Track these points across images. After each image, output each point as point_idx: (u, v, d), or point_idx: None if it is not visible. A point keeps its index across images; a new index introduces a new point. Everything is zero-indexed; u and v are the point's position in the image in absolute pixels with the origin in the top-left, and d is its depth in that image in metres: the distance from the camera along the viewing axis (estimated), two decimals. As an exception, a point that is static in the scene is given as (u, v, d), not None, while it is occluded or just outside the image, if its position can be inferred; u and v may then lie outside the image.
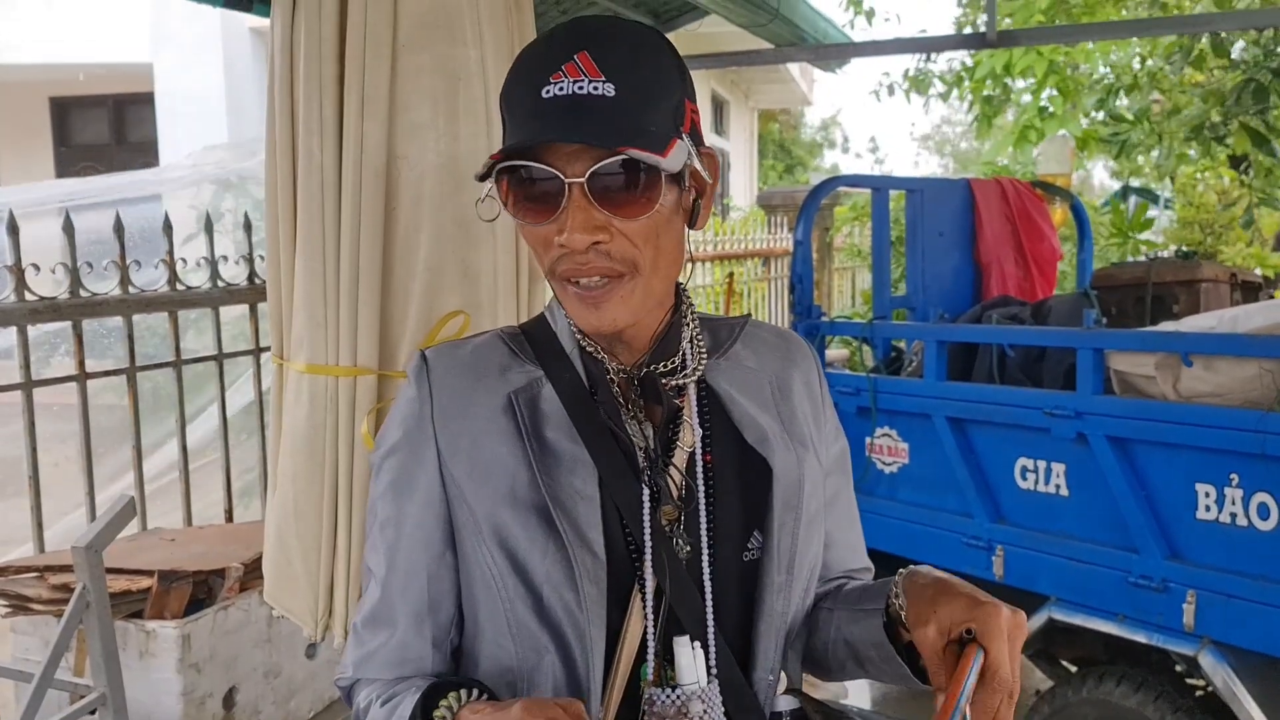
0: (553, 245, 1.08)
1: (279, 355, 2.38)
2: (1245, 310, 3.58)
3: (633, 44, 1.07)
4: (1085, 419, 3.32)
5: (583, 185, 1.03)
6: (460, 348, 1.21)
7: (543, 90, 1.04)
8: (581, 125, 1.02)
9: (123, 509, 2.35)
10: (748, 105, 18.03)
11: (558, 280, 1.10)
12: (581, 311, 1.10)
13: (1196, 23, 5.89)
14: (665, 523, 1.14)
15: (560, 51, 1.05)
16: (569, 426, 1.14)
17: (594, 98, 1.03)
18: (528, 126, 1.05)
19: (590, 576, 1.09)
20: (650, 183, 1.06)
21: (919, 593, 1.07)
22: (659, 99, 1.07)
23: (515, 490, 1.12)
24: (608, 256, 1.07)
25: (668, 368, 1.18)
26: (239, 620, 2.89)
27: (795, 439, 1.21)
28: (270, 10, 2.31)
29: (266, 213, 2.36)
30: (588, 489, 1.11)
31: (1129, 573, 3.23)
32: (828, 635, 1.24)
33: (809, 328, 4.31)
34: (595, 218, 1.05)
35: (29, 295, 2.97)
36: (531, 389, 1.16)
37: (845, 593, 1.26)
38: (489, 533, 1.12)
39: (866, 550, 1.38)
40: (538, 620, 1.11)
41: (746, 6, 4.28)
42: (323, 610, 2.27)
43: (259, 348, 3.76)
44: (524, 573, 1.11)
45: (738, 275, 8.96)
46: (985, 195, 5.01)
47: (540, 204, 1.06)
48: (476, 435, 1.14)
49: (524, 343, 1.20)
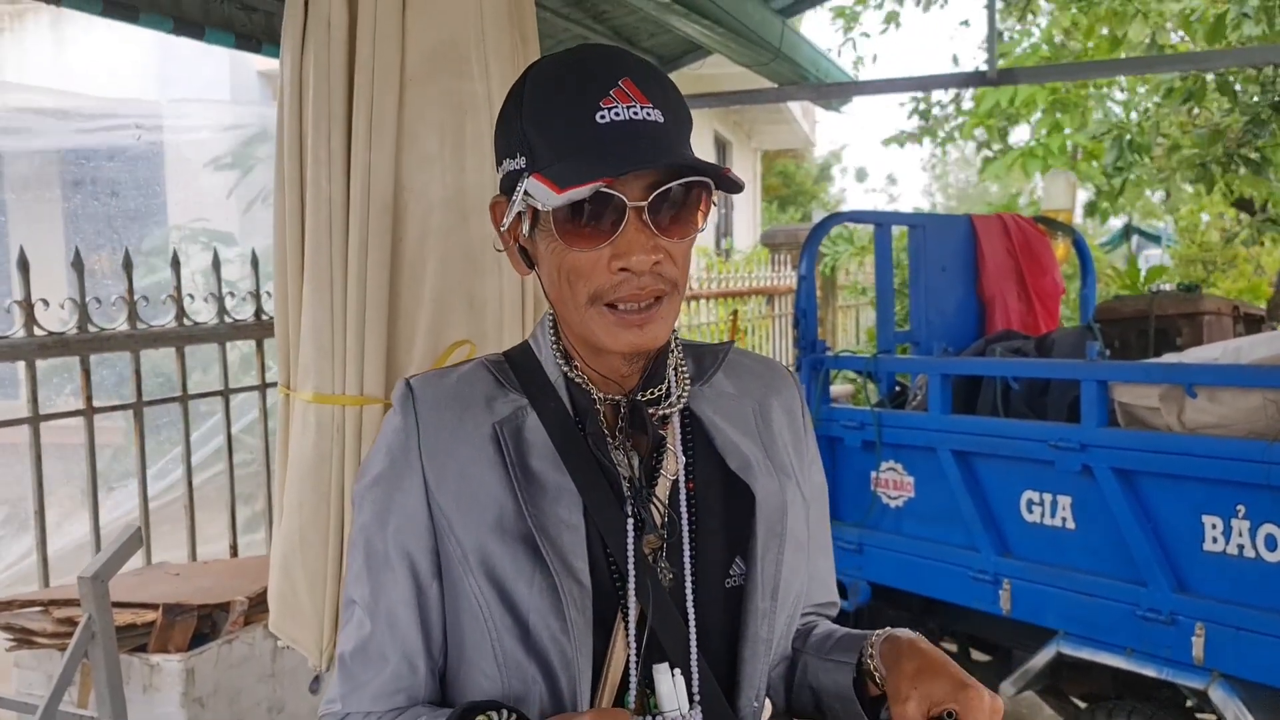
0: (600, 271, 1.08)
1: (286, 385, 2.39)
2: (1249, 341, 3.59)
3: (657, 73, 1.11)
4: (1090, 451, 3.32)
5: (643, 208, 1.05)
6: (445, 377, 1.21)
7: (596, 115, 1.05)
8: (651, 149, 1.04)
9: (129, 539, 2.35)
10: (750, 146, 18.15)
11: (598, 307, 1.10)
12: (620, 333, 1.10)
13: (1196, 60, 5.95)
14: (648, 551, 1.14)
15: (601, 76, 1.07)
16: (554, 456, 1.14)
17: (649, 123, 1.05)
18: (589, 152, 1.04)
19: (577, 605, 1.09)
20: (702, 203, 1.09)
21: (900, 664, 1.08)
22: (688, 126, 1.12)
23: (502, 520, 1.12)
24: (660, 277, 1.09)
25: (653, 396, 1.18)
26: (243, 654, 2.88)
27: (777, 466, 1.22)
28: (279, 47, 2.35)
29: (275, 244, 2.38)
30: (573, 518, 1.12)
31: (1137, 606, 3.22)
32: (793, 676, 1.26)
33: (813, 362, 4.31)
34: (653, 240, 1.07)
35: (37, 330, 2.99)
36: (516, 418, 1.16)
37: (815, 637, 1.27)
38: (476, 563, 1.12)
39: (867, 586, 1.39)
40: (524, 651, 1.11)
41: (748, 45, 4.34)
42: (328, 640, 2.26)
43: (265, 384, 3.77)
44: (511, 603, 1.11)
45: (741, 314, 8.99)
46: (987, 230, 5.04)
47: (594, 229, 1.06)
48: (464, 465, 1.14)
49: (508, 371, 1.20)
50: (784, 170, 22.00)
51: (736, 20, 4.02)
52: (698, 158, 1.08)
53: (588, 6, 3.93)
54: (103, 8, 2.64)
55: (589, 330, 1.11)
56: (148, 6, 2.76)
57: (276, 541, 2.41)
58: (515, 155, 1.11)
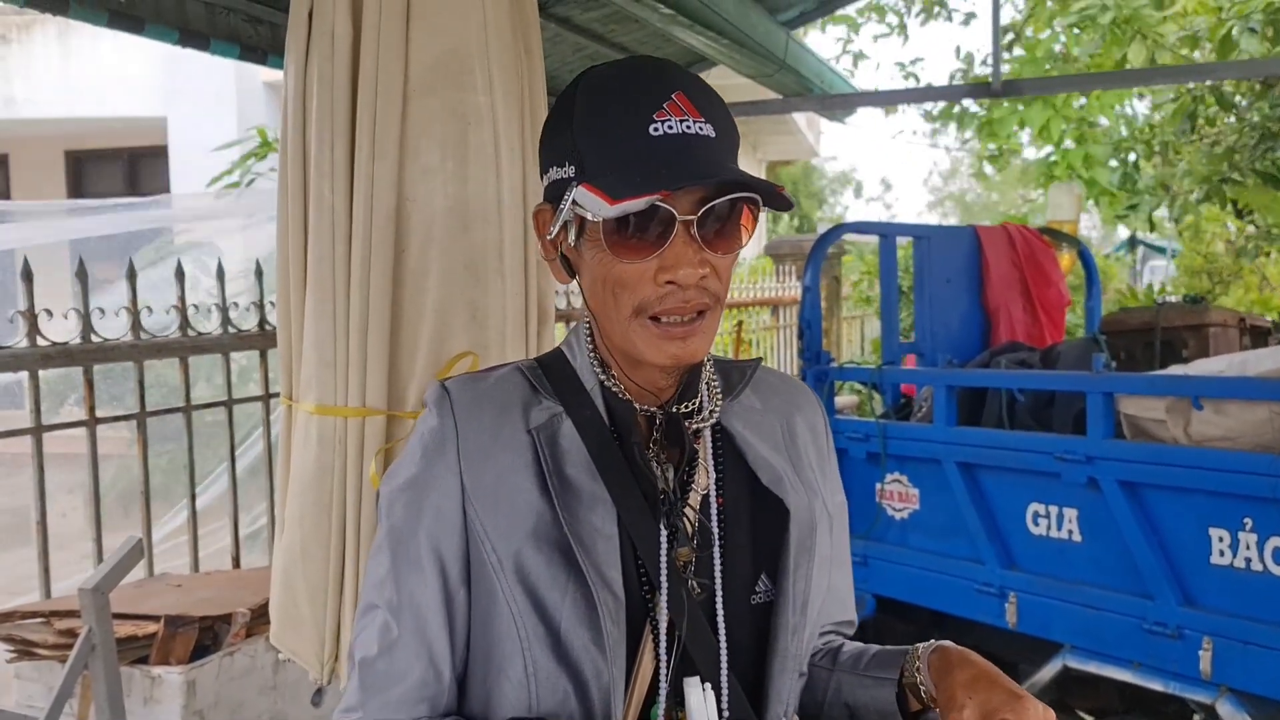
0: (645, 283, 1.08)
1: (288, 397, 2.39)
2: (1255, 354, 3.58)
3: (706, 88, 1.11)
4: (1096, 464, 3.30)
5: (692, 222, 1.05)
6: (482, 380, 1.20)
7: (649, 128, 1.05)
8: (704, 164, 1.05)
9: (130, 551, 2.34)
10: (755, 157, 18.19)
11: (642, 319, 1.09)
12: (664, 346, 1.10)
13: (1200, 72, 5.95)
14: (680, 563, 1.14)
15: (654, 88, 1.07)
16: (589, 464, 1.13)
17: (701, 138, 1.06)
18: (642, 164, 1.05)
19: (612, 617, 1.08)
20: (749, 218, 1.10)
21: (953, 673, 1.09)
22: (737, 140, 1.12)
23: (538, 528, 1.11)
24: (705, 291, 1.09)
25: (687, 409, 1.18)
26: (245, 666, 2.86)
27: (805, 482, 1.22)
28: (284, 58, 2.35)
29: (278, 255, 2.38)
30: (607, 527, 1.11)
31: (1144, 619, 3.20)
32: (823, 695, 1.25)
33: (818, 373, 4.30)
34: (700, 254, 1.07)
35: (41, 340, 2.99)
36: (552, 425, 1.15)
37: (846, 656, 1.27)
38: (510, 570, 1.10)
39: (872, 599, 1.39)
40: (556, 661, 1.10)
41: (753, 57, 4.34)
42: (329, 654, 2.25)
43: (268, 394, 3.77)
44: (544, 611, 1.09)
45: (746, 325, 8.98)
46: (992, 242, 5.03)
47: (642, 241, 1.06)
48: (501, 470, 1.13)
49: (543, 377, 1.19)
50: (791, 188, 22.05)
51: (741, 32, 4.02)
52: (748, 173, 1.08)
53: (591, 19, 3.93)
54: (108, 19, 2.65)
55: (631, 342, 1.11)
56: (153, 18, 2.76)
57: (277, 554, 2.40)
58: (564, 164, 1.11)
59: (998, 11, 4.84)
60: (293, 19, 2.29)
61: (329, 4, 2.20)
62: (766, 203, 1.10)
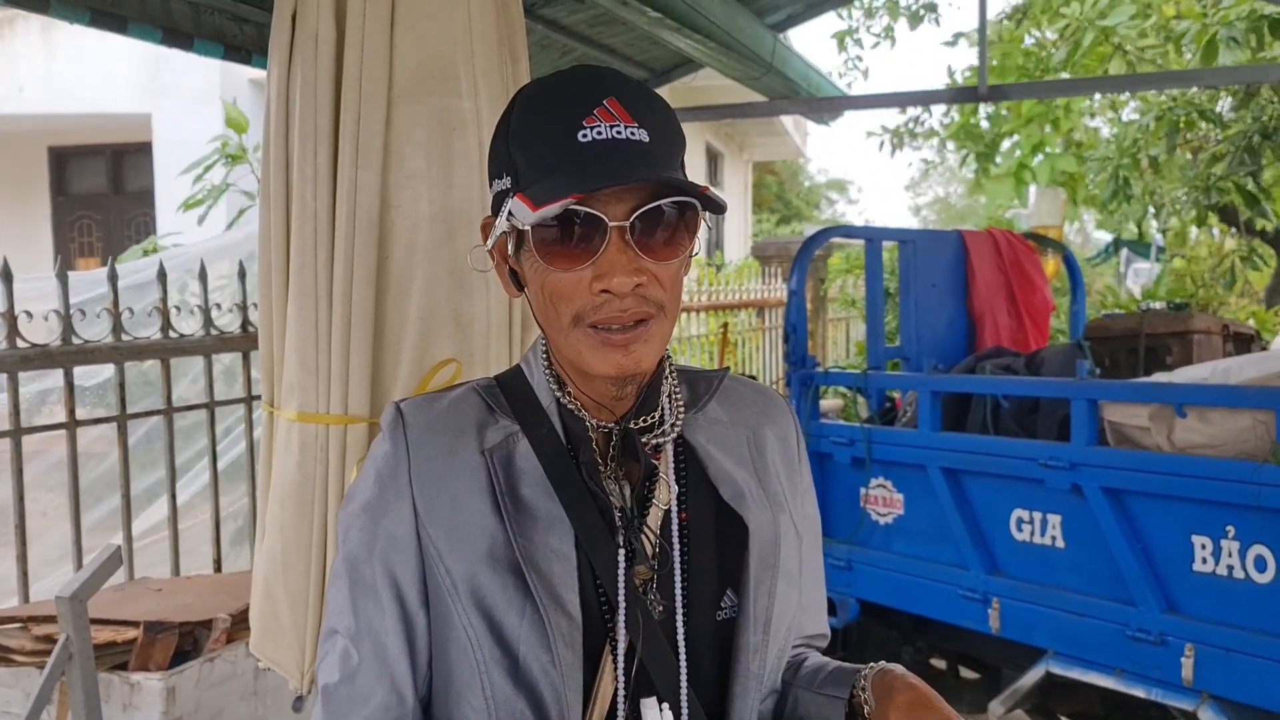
0: (581, 292, 1.06)
1: (270, 403, 2.37)
2: (1238, 361, 3.59)
3: (647, 94, 1.09)
4: (1080, 470, 3.31)
5: (625, 228, 1.04)
6: (436, 402, 1.18)
7: (578, 134, 1.03)
8: (628, 168, 1.03)
9: (109, 559, 2.32)
10: (742, 158, 18.20)
11: (582, 328, 1.08)
12: (607, 355, 1.07)
13: (1184, 78, 5.98)
14: (639, 582, 1.12)
15: (586, 96, 1.05)
16: (545, 484, 1.12)
17: (632, 142, 1.04)
18: (567, 170, 1.03)
19: (565, 639, 1.07)
20: (688, 224, 1.08)
21: (892, 696, 1.09)
22: (678, 147, 1.10)
23: (493, 551, 1.09)
24: (644, 300, 1.07)
25: (647, 423, 1.16)
26: (225, 673, 2.84)
27: (770, 496, 1.20)
28: (267, 61, 2.33)
29: (260, 260, 2.36)
30: (564, 548, 1.09)
31: (1126, 626, 3.21)
32: (782, 709, 1.24)
33: (803, 378, 4.30)
34: (636, 261, 1.05)
35: (20, 342, 2.96)
36: (507, 445, 1.14)
37: (806, 670, 1.25)
38: (466, 594, 1.09)
39: (856, 603, 1.38)
40: (514, 685, 1.08)
41: (740, 60, 4.33)
42: (309, 663, 2.24)
43: (250, 396, 3.74)
44: (500, 635, 1.09)
45: (732, 326, 8.97)
46: (977, 246, 5.04)
47: (575, 249, 1.05)
48: (455, 494, 1.12)
49: (499, 396, 1.18)
50: (778, 190, 22.07)
51: (729, 35, 4.01)
52: (680, 177, 1.06)
53: (578, 21, 3.92)
54: (91, 17, 2.62)
55: (575, 352, 1.10)
56: (137, 16, 2.74)
57: (258, 562, 2.38)
58: (502, 175, 1.11)
59: (984, 16, 4.84)
60: (276, 21, 2.27)
61: (313, 7, 2.18)
62: (703, 205, 1.08)
